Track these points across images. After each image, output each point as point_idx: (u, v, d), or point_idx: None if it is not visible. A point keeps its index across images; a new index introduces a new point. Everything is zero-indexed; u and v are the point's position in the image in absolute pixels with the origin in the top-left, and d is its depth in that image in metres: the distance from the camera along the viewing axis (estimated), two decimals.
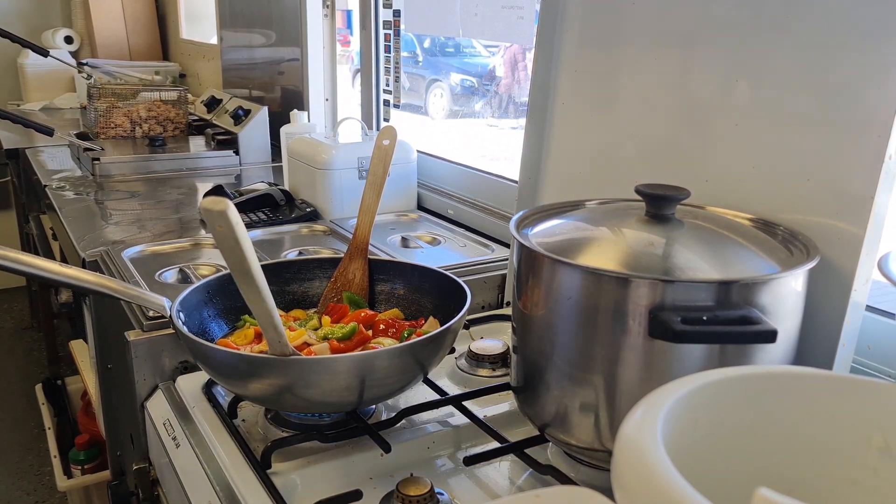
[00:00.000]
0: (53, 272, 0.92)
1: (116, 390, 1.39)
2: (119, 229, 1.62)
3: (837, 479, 0.51)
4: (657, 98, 1.03)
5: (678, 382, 0.49)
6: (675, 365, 0.70)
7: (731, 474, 0.49)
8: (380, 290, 1.09)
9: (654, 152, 1.03)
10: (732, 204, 0.89)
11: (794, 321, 0.73)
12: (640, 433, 0.43)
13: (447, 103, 7.37)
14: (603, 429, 0.74)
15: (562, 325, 0.75)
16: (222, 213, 0.64)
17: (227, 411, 0.94)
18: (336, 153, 1.68)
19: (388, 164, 1.13)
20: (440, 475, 0.85)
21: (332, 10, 2.24)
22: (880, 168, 0.77)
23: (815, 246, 0.76)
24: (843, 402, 0.51)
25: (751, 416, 0.52)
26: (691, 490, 0.38)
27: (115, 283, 0.94)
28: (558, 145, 1.19)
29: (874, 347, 0.92)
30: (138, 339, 1.05)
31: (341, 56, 2.40)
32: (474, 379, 1.06)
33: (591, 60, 1.13)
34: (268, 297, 0.73)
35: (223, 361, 0.84)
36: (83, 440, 2.06)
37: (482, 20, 1.60)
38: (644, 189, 0.78)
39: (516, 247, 0.81)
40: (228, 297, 0.99)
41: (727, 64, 0.93)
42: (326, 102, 2.30)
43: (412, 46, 6.21)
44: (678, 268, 0.73)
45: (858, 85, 0.80)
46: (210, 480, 0.84)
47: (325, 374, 0.80)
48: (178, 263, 1.38)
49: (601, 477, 0.81)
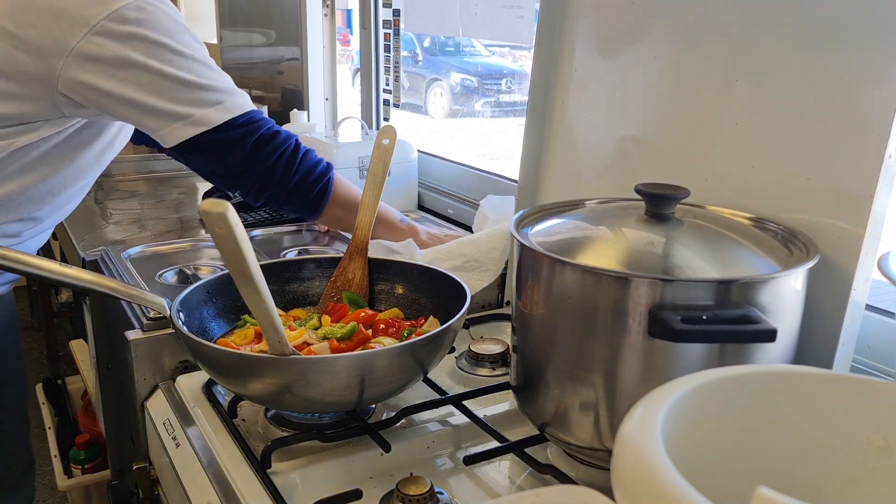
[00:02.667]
0: (53, 272, 0.92)
1: (116, 390, 1.39)
2: (119, 229, 1.62)
3: (837, 479, 0.51)
4: (657, 97, 1.03)
5: (678, 382, 0.50)
6: (675, 364, 0.70)
7: (730, 473, 0.49)
8: (379, 290, 1.09)
9: (654, 152, 1.03)
10: (732, 203, 0.89)
11: (794, 320, 0.73)
12: (639, 432, 0.43)
13: (447, 102, 7.37)
14: (603, 428, 0.74)
15: (562, 325, 0.75)
16: (221, 215, 0.64)
17: (227, 411, 0.94)
18: (336, 152, 1.68)
19: (388, 164, 1.14)
20: (440, 474, 0.85)
21: (331, 10, 2.24)
22: (880, 167, 0.77)
23: (814, 245, 0.76)
24: (843, 402, 0.51)
25: (751, 416, 0.52)
26: (691, 489, 0.38)
27: (115, 283, 0.94)
28: (558, 144, 1.19)
29: (874, 347, 0.92)
30: (138, 338, 1.05)
31: (341, 55, 2.41)
32: (474, 378, 1.06)
33: (590, 60, 1.13)
34: (267, 297, 0.73)
35: (223, 361, 0.84)
36: (83, 440, 2.06)
37: (482, 19, 1.60)
38: (644, 188, 0.78)
39: (516, 246, 0.81)
40: (228, 296, 0.99)
41: (727, 64, 0.93)
42: (326, 102, 2.30)
43: (412, 46, 6.22)
44: (678, 267, 0.73)
45: (858, 84, 0.80)
46: (210, 480, 0.84)
47: (324, 374, 0.80)
48: (178, 263, 1.38)
49: (601, 476, 0.81)
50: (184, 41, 1.14)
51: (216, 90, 1.15)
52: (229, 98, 1.16)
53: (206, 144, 1.15)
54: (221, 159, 1.18)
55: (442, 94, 7.41)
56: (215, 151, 1.17)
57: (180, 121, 1.13)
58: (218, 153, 1.17)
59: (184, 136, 1.14)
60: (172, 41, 1.12)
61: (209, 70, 1.16)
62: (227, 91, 1.16)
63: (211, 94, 1.14)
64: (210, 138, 1.15)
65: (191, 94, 1.13)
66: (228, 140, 1.16)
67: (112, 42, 1.09)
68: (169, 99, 1.12)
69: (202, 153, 1.17)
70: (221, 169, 1.19)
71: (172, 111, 1.13)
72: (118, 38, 1.09)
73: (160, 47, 1.11)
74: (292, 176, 1.21)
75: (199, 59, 1.15)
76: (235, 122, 1.16)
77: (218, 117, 1.14)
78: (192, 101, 1.13)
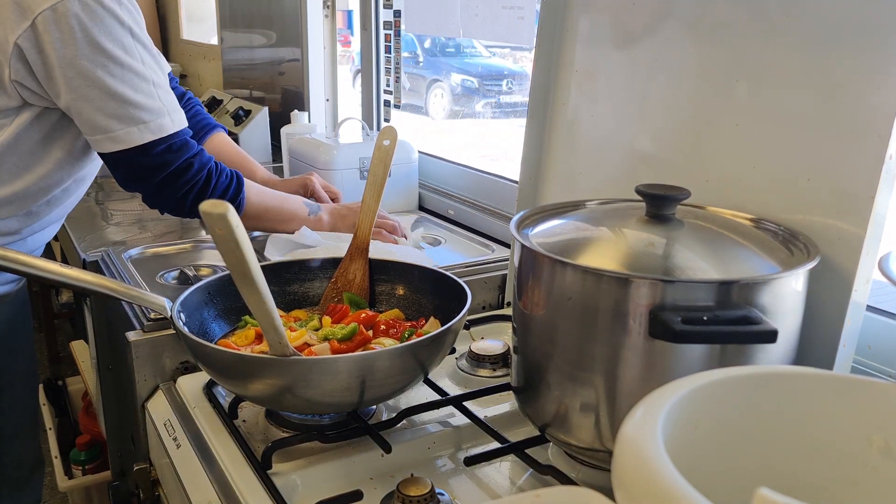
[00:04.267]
0: (54, 272, 0.92)
1: (117, 391, 1.39)
2: (120, 230, 1.62)
3: (838, 479, 0.51)
4: (657, 98, 1.03)
5: (678, 382, 0.50)
6: (676, 365, 0.70)
7: (731, 474, 0.49)
8: (380, 291, 1.09)
9: (655, 152, 1.03)
10: (733, 204, 0.89)
11: (795, 321, 0.73)
12: (640, 433, 0.43)
13: (448, 103, 7.38)
14: (603, 429, 0.74)
15: (562, 326, 0.75)
16: (222, 216, 0.64)
17: (228, 412, 0.94)
18: (337, 153, 1.68)
19: (389, 165, 1.14)
20: (441, 475, 0.85)
21: (332, 11, 2.24)
22: (881, 168, 0.77)
23: (815, 246, 0.76)
24: (843, 402, 0.51)
25: (751, 416, 0.52)
26: (691, 490, 0.38)
27: (115, 284, 0.94)
28: (558, 145, 1.19)
29: (874, 347, 0.92)
30: (139, 339, 1.05)
31: (342, 56, 2.41)
32: (475, 379, 1.06)
33: (591, 61, 1.13)
34: (268, 298, 0.73)
35: (224, 362, 0.84)
36: (84, 440, 2.06)
37: (483, 20, 1.60)
38: (644, 189, 0.78)
39: (517, 247, 0.81)
40: (229, 297, 0.99)
41: (727, 64, 0.93)
42: (327, 103, 2.30)
43: (413, 47, 6.22)
44: (678, 268, 0.73)
45: (859, 85, 0.80)
46: (211, 481, 0.84)
47: (325, 375, 0.80)
48: (178, 264, 1.38)
49: (601, 477, 0.81)
50: (126, 46, 1.13)
51: (144, 108, 1.14)
52: (154, 119, 1.15)
53: (124, 161, 1.17)
54: (136, 179, 1.21)
55: (442, 94, 7.41)
56: (132, 170, 1.19)
57: (102, 134, 1.14)
58: (134, 173, 1.19)
59: (105, 150, 1.16)
60: (114, 46, 1.11)
61: (144, 83, 1.15)
62: (154, 110, 1.16)
63: (137, 112, 1.14)
64: (127, 157, 1.16)
65: (118, 108, 1.13)
66: (145, 164, 1.18)
67: (52, 34, 1.08)
68: (96, 108, 1.12)
69: (120, 167, 1.19)
70: (134, 186, 1.22)
71: (97, 123, 1.13)
72: (59, 31, 1.08)
73: (99, 51, 1.10)
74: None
75: (137, 69, 1.14)
76: (154, 148, 1.16)
77: (138, 138, 1.15)
78: (118, 116, 1.13)
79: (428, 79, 7.25)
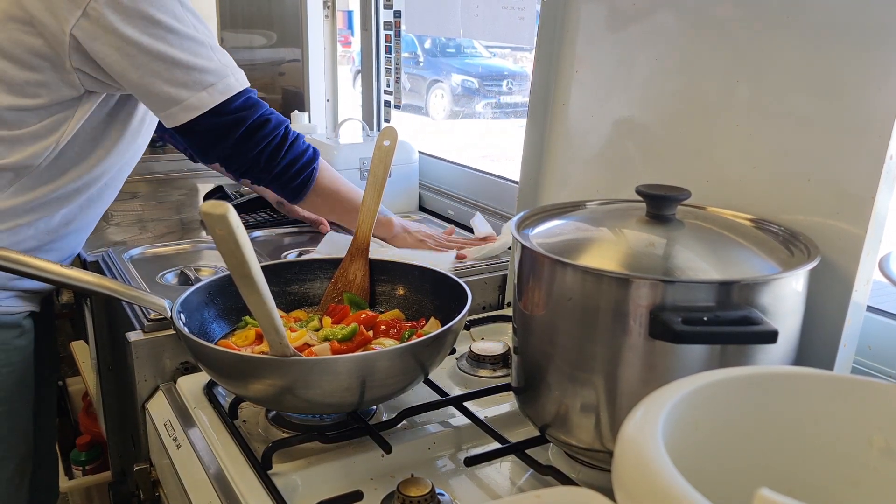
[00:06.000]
0: (54, 273, 0.92)
1: (117, 391, 1.39)
2: (120, 230, 1.62)
3: (838, 480, 0.51)
4: (657, 98, 1.03)
5: (679, 383, 0.50)
6: (676, 365, 0.70)
7: (731, 474, 0.49)
8: (380, 291, 1.09)
9: (655, 153, 1.03)
10: (733, 204, 0.89)
11: (795, 321, 0.73)
12: (640, 434, 0.43)
13: (448, 104, 7.38)
14: (604, 429, 0.74)
15: (563, 326, 0.75)
16: (222, 216, 0.64)
17: (228, 412, 0.94)
18: (337, 154, 1.68)
19: (389, 165, 1.14)
20: (441, 476, 0.85)
21: (332, 11, 2.25)
22: (881, 168, 0.77)
23: (815, 246, 0.76)
24: (843, 403, 0.51)
25: (752, 417, 0.52)
26: (692, 490, 0.38)
27: (116, 284, 0.94)
28: (558, 146, 1.19)
29: (875, 348, 0.92)
30: (139, 339, 1.05)
31: (342, 57, 2.41)
32: (475, 379, 1.06)
33: (591, 61, 1.13)
34: (268, 299, 0.73)
35: (224, 362, 0.84)
36: (84, 441, 2.06)
37: (483, 21, 1.60)
38: (644, 189, 0.78)
39: (517, 247, 0.81)
40: (229, 297, 0.99)
41: (727, 64, 0.93)
42: (327, 103, 2.30)
43: (413, 47, 6.22)
44: (679, 268, 0.73)
45: (859, 85, 0.80)
46: (211, 481, 0.84)
47: (325, 375, 0.80)
48: (179, 265, 1.38)
49: (602, 477, 0.81)
50: (178, 15, 1.14)
51: (208, 71, 1.16)
52: (221, 80, 1.17)
53: (200, 127, 1.19)
54: (212, 143, 1.22)
55: (443, 95, 7.42)
56: (208, 134, 1.21)
57: (175, 105, 1.16)
58: (210, 137, 1.21)
59: (180, 121, 1.17)
60: (166, 17, 1.13)
61: (202, 48, 1.17)
62: (218, 72, 1.18)
63: (203, 76, 1.16)
64: (203, 121, 1.18)
65: (185, 75, 1.15)
66: (220, 125, 1.19)
67: (108, 17, 1.09)
68: (164, 80, 1.14)
69: (197, 135, 1.21)
70: (212, 151, 1.24)
71: (166, 94, 1.15)
72: (113, 13, 1.09)
73: (154, 24, 1.12)
74: (276, 164, 1.26)
75: (192, 35, 1.16)
76: (227, 107, 1.18)
77: (209, 101, 1.16)
78: (185, 84, 1.15)
79: (428, 79, 7.26)
